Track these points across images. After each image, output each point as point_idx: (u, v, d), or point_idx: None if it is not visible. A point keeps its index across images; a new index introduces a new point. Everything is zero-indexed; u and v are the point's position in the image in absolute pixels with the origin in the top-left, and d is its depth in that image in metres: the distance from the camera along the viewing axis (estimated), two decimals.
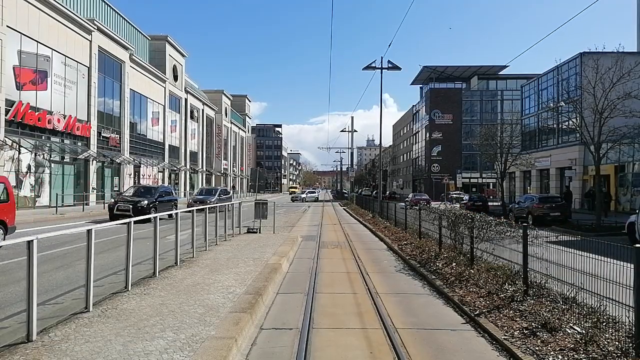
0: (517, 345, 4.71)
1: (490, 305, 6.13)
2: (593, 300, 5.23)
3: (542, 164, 34.93)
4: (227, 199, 26.53)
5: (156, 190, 20.85)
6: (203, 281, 7.37)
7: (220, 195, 26.36)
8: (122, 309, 5.63)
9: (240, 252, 10.67)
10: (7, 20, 20.52)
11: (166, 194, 21.50)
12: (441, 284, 7.76)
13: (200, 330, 4.87)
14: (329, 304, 6.74)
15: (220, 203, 18.14)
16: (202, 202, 23.26)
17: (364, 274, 9.02)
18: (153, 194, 20.01)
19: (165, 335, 4.69)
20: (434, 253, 10.26)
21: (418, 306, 6.74)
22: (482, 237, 8.37)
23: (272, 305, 6.64)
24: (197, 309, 5.68)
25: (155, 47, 40.35)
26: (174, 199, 22.57)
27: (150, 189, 21.27)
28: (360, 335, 5.34)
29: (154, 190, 20.66)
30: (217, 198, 25.08)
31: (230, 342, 4.54)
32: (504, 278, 7.02)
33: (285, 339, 5.19)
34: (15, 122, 21.31)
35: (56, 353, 4.15)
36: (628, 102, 18.50)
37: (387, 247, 13.33)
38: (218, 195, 26.04)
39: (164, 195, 20.95)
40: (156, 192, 20.25)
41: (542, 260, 6.30)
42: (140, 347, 4.32)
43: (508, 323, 5.39)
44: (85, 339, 4.53)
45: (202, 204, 20.34)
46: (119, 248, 9.75)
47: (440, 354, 4.74)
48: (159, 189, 21.47)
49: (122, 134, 32.40)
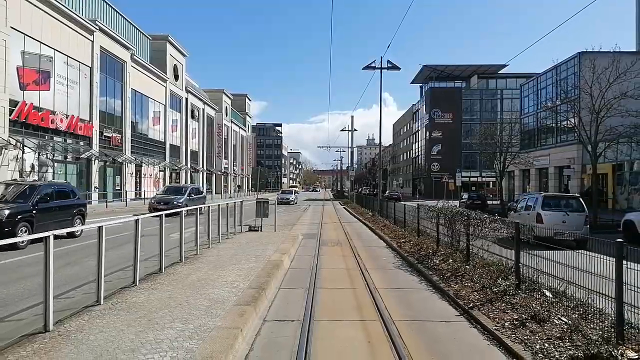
0: (507, 335, 4.98)
1: (484, 299, 6.40)
2: (582, 294, 5.49)
3: (541, 162, 35.16)
4: (198, 199, 23.36)
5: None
6: (208, 277, 7.64)
7: (190, 195, 22.74)
8: (132, 302, 5.90)
9: (242, 250, 10.92)
10: (10, 21, 20.75)
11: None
12: (438, 279, 8.03)
13: (207, 321, 5.14)
14: (329, 298, 7.01)
15: (192, 205, 17.21)
16: (167, 203, 20.51)
17: (363, 271, 9.28)
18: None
19: (174, 325, 4.96)
20: (432, 250, 10.53)
21: (415, 300, 7.01)
22: (477, 234, 8.63)
23: (274, 300, 6.91)
24: (203, 302, 5.95)
25: (156, 47, 40.56)
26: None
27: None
28: (359, 327, 5.60)
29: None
30: (187, 198, 21.89)
31: (236, 332, 4.81)
32: (498, 273, 7.29)
33: (288, 329, 5.46)
34: (19, 122, 21.54)
35: (73, 341, 4.42)
36: (624, 101, 18.77)
37: (386, 245, 13.59)
38: (188, 195, 22.45)
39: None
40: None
41: (534, 256, 6.57)
42: (151, 337, 4.59)
43: (499, 315, 5.66)
44: (99, 329, 4.79)
45: (166, 206, 19.24)
46: (124, 246, 10.02)
47: (434, 343, 5.01)
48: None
49: (123, 134, 32.65)
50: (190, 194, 22.98)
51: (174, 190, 23.70)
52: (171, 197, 21.96)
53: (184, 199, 21.50)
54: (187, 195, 22.41)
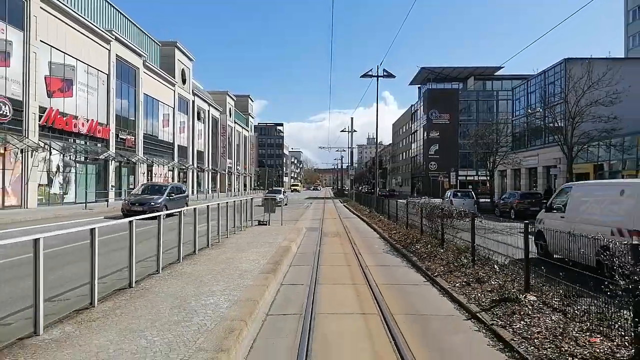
0: (455, 291, 7.03)
1: (447, 271, 8.44)
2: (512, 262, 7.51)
3: (530, 162, 37.13)
4: (180, 199, 21.56)
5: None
6: (233, 257, 9.68)
7: (170, 195, 20.73)
8: (182, 272, 7.94)
9: (256, 239, 12.96)
10: (40, 35, 22.81)
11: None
12: (416, 259, 10.07)
13: (242, 282, 7.18)
14: (329, 272, 9.06)
15: (172, 206, 17.91)
16: (143, 204, 18.84)
17: (358, 254, 11.32)
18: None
19: (219, 284, 7.00)
20: (416, 239, 12.56)
21: (396, 273, 9.06)
22: (449, 224, 10.67)
23: (287, 272, 8.95)
24: (235, 272, 7.99)
25: (165, 53, 42.62)
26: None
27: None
28: (352, 288, 7.65)
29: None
30: (166, 199, 19.98)
31: (264, 288, 6.86)
32: (460, 253, 9.32)
33: (299, 289, 7.51)
34: (46, 126, 23.63)
35: (152, 292, 6.46)
36: (596, 108, 20.75)
37: (379, 236, 15.63)
38: (167, 195, 20.37)
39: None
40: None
41: (485, 238, 8.61)
42: (206, 289, 6.64)
43: (454, 280, 7.70)
44: (167, 286, 6.84)
45: (141, 207, 18.15)
46: (167, 233, 12.03)
47: (404, 296, 7.07)
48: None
49: (136, 136, 34.74)
50: (170, 193, 20.89)
51: (152, 190, 21.35)
52: (148, 197, 19.96)
53: (163, 199, 19.68)
54: (167, 195, 20.33)
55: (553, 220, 9.78)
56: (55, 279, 6.79)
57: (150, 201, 19.30)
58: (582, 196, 9.41)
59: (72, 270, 7.69)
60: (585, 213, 8.96)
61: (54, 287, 6.14)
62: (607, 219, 8.09)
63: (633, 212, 7.59)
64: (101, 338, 4.53)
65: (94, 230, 5.68)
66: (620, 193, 8.21)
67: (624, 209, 7.88)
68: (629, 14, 49.03)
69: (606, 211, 8.36)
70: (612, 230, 7.68)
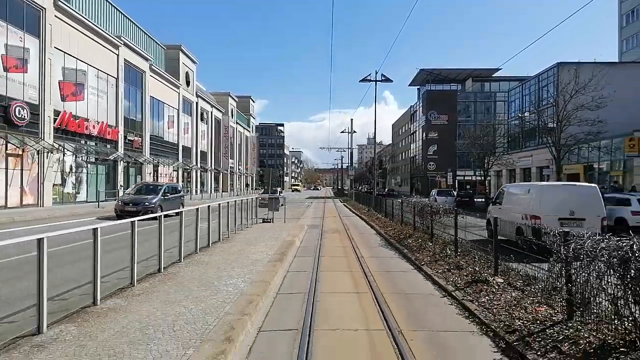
0: (438, 276, 8.20)
1: (432, 260, 9.62)
2: None
3: (525, 163, 38.35)
4: (175, 198, 21.03)
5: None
6: (243, 249, 10.86)
7: (165, 194, 20.20)
8: (200, 261, 9.12)
9: (262, 234, 14.14)
10: (54, 42, 23.99)
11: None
12: (407, 252, 11.24)
13: (254, 268, 8.36)
14: (329, 262, 10.24)
15: (167, 206, 18.00)
16: (136, 204, 18.44)
17: (355, 248, 12.50)
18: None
19: (235, 270, 8.18)
20: (409, 234, 13.73)
21: (388, 263, 10.24)
22: (437, 220, 11.85)
23: (292, 262, 10.13)
24: (247, 261, 9.17)
25: (170, 56, 43.78)
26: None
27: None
28: (349, 274, 8.83)
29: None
30: (161, 198, 19.47)
31: (273, 273, 8.04)
32: (445, 245, 10.50)
33: (304, 275, 8.69)
34: (60, 129, 24.80)
35: (179, 275, 7.63)
36: (582, 112, 21.91)
37: (376, 232, 16.82)
38: (162, 195, 19.85)
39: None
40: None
41: (467, 232, 9.79)
42: (225, 274, 7.82)
43: (437, 267, 8.88)
44: (191, 271, 8.01)
45: (135, 207, 17.81)
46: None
47: (393, 279, 8.25)
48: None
49: (143, 137, 35.91)
50: (166, 193, 20.39)
51: (146, 189, 20.83)
52: (142, 197, 19.47)
53: (157, 199, 19.21)
54: (162, 195, 19.81)
55: (495, 211, 12.83)
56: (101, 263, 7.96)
57: (145, 201, 18.86)
58: (510, 193, 13.35)
59: (112, 257, 8.85)
60: (510, 204, 12.71)
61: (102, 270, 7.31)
62: (520, 208, 11.90)
63: (531, 203, 11.53)
64: (148, 306, 5.70)
65: (134, 223, 6.87)
66: (527, 191, 12.34)
67: (527, 202, 11.87)
68: (622, 18, 50.17)
69: (519, 203, 12.28)
70: (522, 215, 11.33)
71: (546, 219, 10.06)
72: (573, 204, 10.92)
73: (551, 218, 10.27)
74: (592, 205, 11.00)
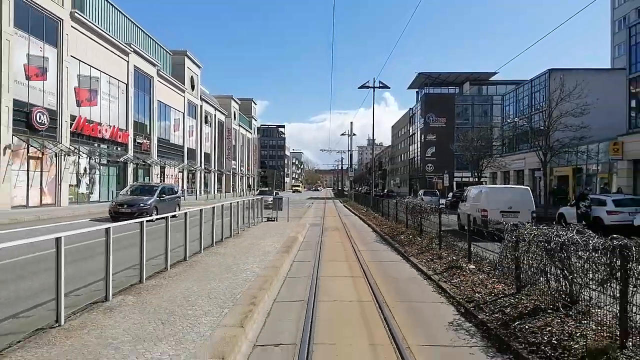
0: (422, 264, 9.65)
1: (419, 252, 11.06)
2: None
3: (518, 165, 39.77)
4: (172, 200, 20.71)
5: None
6: (253, 243, 12.31)
7: (161, 196, 19.75)
8: (218, 252, 10.56)
9: (268, 231, 15.59)
10: (71, 50, 25.48)
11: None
12: (398, 246, 12.69)
13: (265, 257, 9.80)
14: (329, 253, 11.69)
15: (163, 207, 18.30)
16: (131, 205, 18.07)
17: (352, 242, 13.95)
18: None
19: (249, 258, 9.62)
20: (401, 231, 15.18)
21: (381, 254, 11.70)
22: (426, 217, 13.30)
23: (297, 254, 11.57)
24: (259, 252, 10.61)
25: (176, 61, 45.33)
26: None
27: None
28: (346, 264, 10.28)
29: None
30: (156, 199, 19.08)
31: (282, 261, 9.49)
32: (431, 240, 11.95)
33: (307, 264, 10.14)
34: (76, 133, 26.29)
35: (203, 262, 9.07)
36: (566, 118, 23.35)
37: (372, 230, 18.26)
38: (158, 196, 19.39)
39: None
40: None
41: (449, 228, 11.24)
42: (241, 261, 9.26)
43: (422, 258, 10.32)
44: (212, 259, 9.46)
45: (130, 209, 17.70)
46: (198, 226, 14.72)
47: (384, 267, 9.71)
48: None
49: (151, 140, 37.42)
50: (162, 194, 19.92)
51: (141, 190, 20.34)
52: (137, 198, 18.97)
53: (153, 201, 18.80)
54: (157, 195, 19.36)
55: (461, 207, 16.83)
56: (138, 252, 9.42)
57: (140, 202, 18.42)
58: (471, 192, 17.15)
59: (149, 246, 10.32)
60: (471, 201, 16.38)
61: None
62: (476, 204, 15.41)
63: (482, 199, 15.23)
64: (184, 284, 7.15)
65: (167, 218, 8.33)
66: (480, 192, 16.28)
67: (480, 198, 15.54)
68: (614, 24, 51.64)
69: (476, 199, 15.91)
70: (477, 209, 14.54)
71: (492, 211, 13.95)
72: (511, 201, 14.47)
73: (495, 211, 13.95)
74: (525, 202, 14.50)
